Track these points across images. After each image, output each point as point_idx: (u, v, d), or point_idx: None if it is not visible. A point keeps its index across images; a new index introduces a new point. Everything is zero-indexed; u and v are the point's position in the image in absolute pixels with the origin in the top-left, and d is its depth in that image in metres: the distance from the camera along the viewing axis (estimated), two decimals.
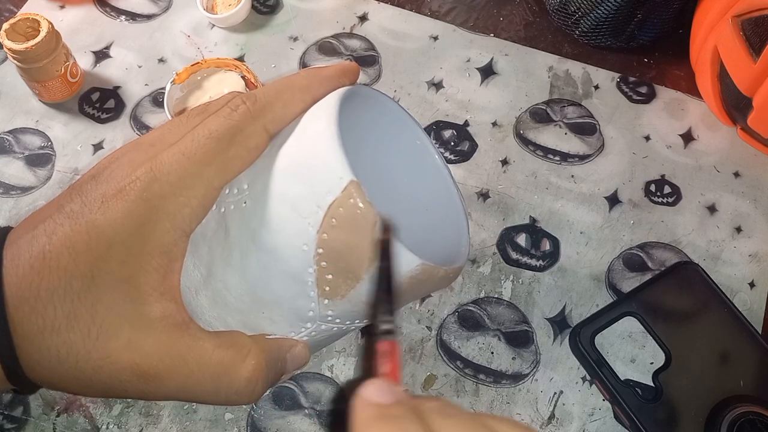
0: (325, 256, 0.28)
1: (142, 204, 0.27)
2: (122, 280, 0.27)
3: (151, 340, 0.27)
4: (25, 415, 0.41)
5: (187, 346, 0.28)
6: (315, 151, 0.29)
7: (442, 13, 0.59)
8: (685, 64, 0.57)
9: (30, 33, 0.49)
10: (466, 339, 0.45)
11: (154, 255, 0.28)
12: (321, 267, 0.28)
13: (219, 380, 0.28)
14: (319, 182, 0.28)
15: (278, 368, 0.31)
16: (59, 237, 0.27)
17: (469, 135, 0.53)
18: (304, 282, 0.29)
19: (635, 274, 0.48)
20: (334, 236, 0.28)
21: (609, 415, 0.43)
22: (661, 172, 0.52)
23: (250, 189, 0.30)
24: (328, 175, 0.28)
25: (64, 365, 0.27)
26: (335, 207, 0.28)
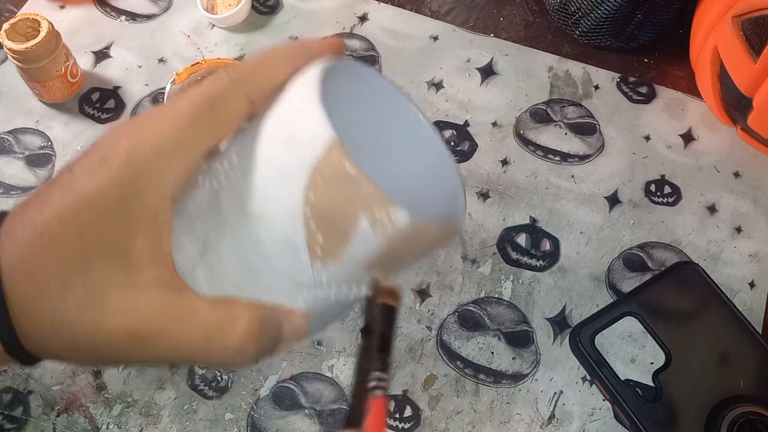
0: (313, 217, 0.29)
1: (126, 170, 0.28)
2: (112, 247, 0.28)
3: (143, 304, 0.28)
4: (25, 415, 0.41)
5: (179, 307, 0.28)
6: (298, 114, 0.29)
7: (442, 13, 0.59)
8: (685, 64, 0.57)
9: (30, 33, 0.49)
10: (467, 339, 0.45)
11: (141, 221, 0.28)
12: (310, 229, 0.29)
13: (211, 340, 0.29)
14: (302, 144, 0.29)
15: (273, 333, 0.31)
16: (49, 208, 0.27)
17: (469, 135, 0.53)
18: (295, 246, 0.29)
19: (635, 274, 0.48)
20: (320, 196, 0.28)
21: (609, 415, 0.43)
22: (661, 172, 0.52)
23: (239, 161, 0.31)
24: (311, 136, 0.28)
25: (60, 334, 0.27)
26: (319, 167, 0.28)
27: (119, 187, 0.28)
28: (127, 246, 0.28)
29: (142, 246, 0.28)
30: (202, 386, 0.43)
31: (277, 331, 0.31)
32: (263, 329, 0.30)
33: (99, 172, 0.28)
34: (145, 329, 0.28)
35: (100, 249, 0.28)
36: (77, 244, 0.27)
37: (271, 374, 0.43)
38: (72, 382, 0.42)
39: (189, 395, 0.42)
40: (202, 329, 0.29)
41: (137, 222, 0.28)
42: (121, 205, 0.28)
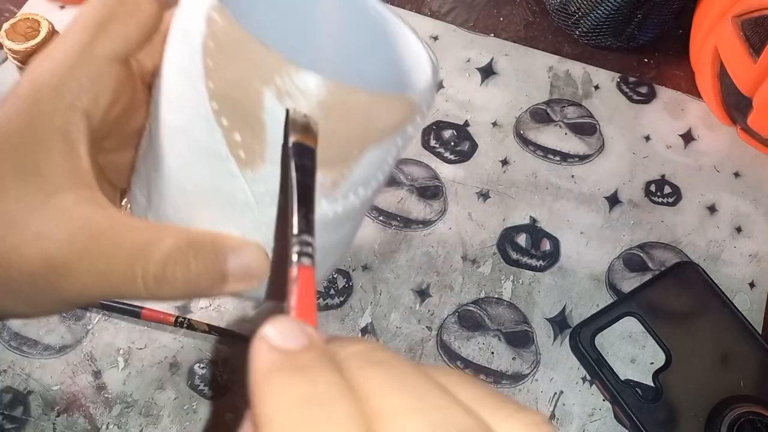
0: (220, 110, 0.25)
1: (28, 85, 0.27)
2: (28, 171, 0.26)
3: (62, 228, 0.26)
4: (25, 415, 0.41)
5: (101, 229, 0.26)
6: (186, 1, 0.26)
7: (442, 13, 0.59)
8: (685, 64, 0.57)
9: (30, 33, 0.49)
10: (467, 339, 0.45)
11: (53, 139, 0.27)
12: (224, 127, 0.26)
13: (134, 262, 0.26)
14: (190, 28, 0.25)
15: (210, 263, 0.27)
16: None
17: (469, 135, 0.53)
18: (218, 155, 0.26)
19: (635, 275, 0.48)
20: (216, 80, 0.25)
21: (609, 415, 0.43)
22: (661, 172, 0.52)
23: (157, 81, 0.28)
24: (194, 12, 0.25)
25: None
26: (207, 45, 0.25)
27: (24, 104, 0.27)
28: (42, 168, 0.26)
29: (58, 166, 0.26)
30: (202, 386, 0.43)
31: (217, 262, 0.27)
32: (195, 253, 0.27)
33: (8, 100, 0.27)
34: (62, 254, 0.26)
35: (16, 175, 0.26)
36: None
37: None
38: (72, 382, 0.42)
39: (189, 395, 0.42)
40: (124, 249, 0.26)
41: (49, 142, 0.26)
42: (29, 123, 0.26)
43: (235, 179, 0.27)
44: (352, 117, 0.26)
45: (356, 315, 0.45)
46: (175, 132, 0.28)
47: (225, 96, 0.25)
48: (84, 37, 0.28)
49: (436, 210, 0.50)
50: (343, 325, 0.45)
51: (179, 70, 0.27)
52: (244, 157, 0.26)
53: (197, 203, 0.28)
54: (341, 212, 0.29)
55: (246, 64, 0.25)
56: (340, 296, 0.46)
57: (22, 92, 0.27)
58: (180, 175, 0.28)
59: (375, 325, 0.45)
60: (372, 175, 0.29)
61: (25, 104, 0.27)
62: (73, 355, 0.43)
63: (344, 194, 0.28)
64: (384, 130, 0.27)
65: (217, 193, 0.28)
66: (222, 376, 0.43)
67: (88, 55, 0.28)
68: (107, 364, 0.43)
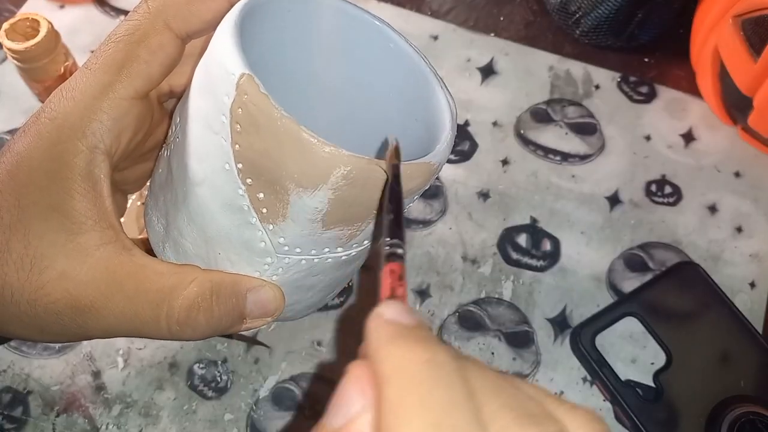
0: (246, 170, 0.26)
1: (50, 124, 0.27)
2: (50, 208, 0.26)
3: (87, 269, 0.26)
4: (25, 415, 0.41)
5: (126, 272, 0.26)
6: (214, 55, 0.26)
7: (442, 13, 0.59)
8: (685, 63, 0.56)
9: (30, 33, 0.49)
10: (467, 339, 0.45)
11: (75, 179, 0.26)
12: (248, 185, 0.26)
13: (159, 307, 0.26)
14: (218, 87, 0.26)
15: (232, 304, 0.28)
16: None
17: (470, 135, 0.53)
18: (240, 208, 0.27)
19: (636, 275, 0.48)
20: (243, 144, 0.25)
21: (610, 415, 0.43)
22: (661, 172, 0.52)
23: (180, 121, 0.28)
24: (223, 75, 0.25)
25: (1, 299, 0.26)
26: (235, 111, 0.25)
27: (45, 142, 0.26)
28: (65, 206, 0.26)
29: (83, 208, 0.26)
30: (202, 386, 0.42)
31: (237, 303, 0.28)
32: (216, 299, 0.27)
33: (29, 129, 0.27)
34: (87, 295, 0.26)
35: (39, 211, 0.26)
36: (15, 206, 0.26)
37: (270, 375, 0.43)
38: (71, 382, 0.42)
39: (188, 395, 0.42)
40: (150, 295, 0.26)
41: (71, 182, 0.26)
42: (51, 162, 0.26)
43: (255, 230, 0.27)
44: (374, 187, 0.26)
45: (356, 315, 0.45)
46: (198, 179, 0.28)
47: (251, 159, 0.26)
48: (106, 79, 0.27)
49: (436, 210, 0.50)
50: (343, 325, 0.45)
51: (204, 122, 0.27)
52: (266, 213, 0.27)
53: (216, 244, 0.28)
54: (354, 255, 0.30)
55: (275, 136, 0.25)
56: (340, 296, 0.46)
57: (43, 130, 0.27)
58: (200, 219, 0.28)
59: None
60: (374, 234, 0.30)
61: (47, 143, 0.27)
62: (73, 355, 0.43)
63: (359, 243, 0.30)
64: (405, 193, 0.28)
65: (236, 240, 0.28)
66: (222, 376, 0.43)
67: (111, 96, 0.27)
68: (107, 364, 0.43)
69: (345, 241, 0.29)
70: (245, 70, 0.25)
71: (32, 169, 0.26)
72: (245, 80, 0.25)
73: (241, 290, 0.28)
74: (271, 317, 0.30)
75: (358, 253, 0.30)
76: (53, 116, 0.27)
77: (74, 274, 0.26)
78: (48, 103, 0.27)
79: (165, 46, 0.28)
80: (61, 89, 0.28)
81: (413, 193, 0.29)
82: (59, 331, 0.27)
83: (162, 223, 0.30)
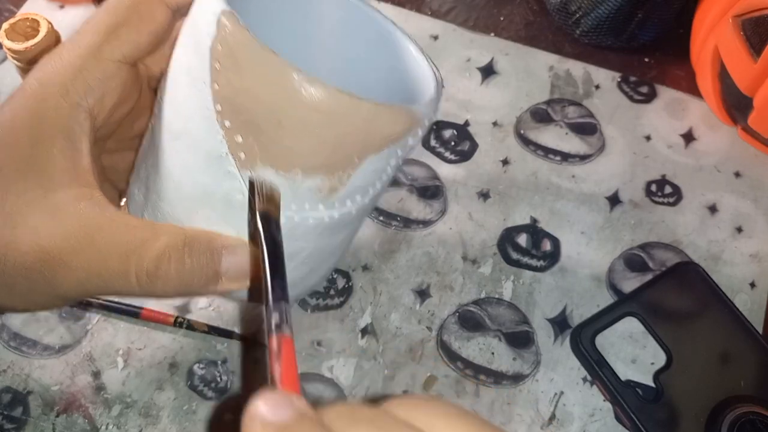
0: (225, 112, 0.26)
1: (35, 84, 0.27)
2: (30, 166, 0.26)
3: (59, 223, 0.26)
4: (25, 415, 0.41)
5: (98, 225, 0.26)
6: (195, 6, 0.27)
7: (442, 13, 0.59)
8: (685, 63, 0.56)
9: (30, 33, 0.49)
10: (467, 339, 0.45)
11: (55, 136, 0.27)
12: (227, 128, 0.26)
13: (128, 259, 0.26)
14: (200, 30, 0.26)
15: (205, 259, 0.27)
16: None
17: (470, 135, 0.53)
18: (219, 157, 0.27)
19: (636, 275, 0.48)
20: (222, 82, 0.25)
21: (610, 415, 0.43)
22: (661, 172, 0.52)
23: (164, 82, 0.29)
24: (204, 16, 0.26)
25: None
26: (215, 48, 0.25)
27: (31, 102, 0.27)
28: (43, 164, 0.26)
29: (59, 163, 0.27)
30: (202, 387, 0.42)
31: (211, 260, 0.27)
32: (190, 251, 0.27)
33: (15, 96, 0.27)
34: (57, 247, 0.26)
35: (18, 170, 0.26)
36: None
37: None
38: (71, 382, 0.42)
39: (188, 396, 0.42)
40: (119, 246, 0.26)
41: (52, 139, 0.27)
42: (34, 120, 0.27)
43: (233, 180, 0.27)
44: (354, 125, 0.26)
45: (356, 315, 0.45)
46: (177, 131, 0.28)
47: (230, 99, 0.26)
48: (95, 40, 0.28)
49: (437, 210, 0.50)
50: (343, 325, 0.45)
51: (185, 70, 0.27)
52: (244, 158, 0.26)
53: (194, 201, 0.28)
54: (337, 218, 0.29)
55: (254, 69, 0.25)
56: (340, 296, 0.46)
57: (30, 89, 0.27)
58: (179, 174, 0.28)
59: (375, 326, 0.45)
60: (370, 184, 0.29)
61: (31, 101, 0.27)
62: (73, 356, 0.43)
63: (342, 201, 0.29)
64: (385, 140, 0.28)
65: (214, 193, 0.28)
66: (222, 377, 0.43)
67: (98, 57, 0.28)
68: (107, 364, 0.43)
69: (326, 194, 0.28)
70: (225, 7, 0.25)
71: (15, 128, 0.27)
72: (226, 16, 0.25)
73: (216, 246, 0.28)
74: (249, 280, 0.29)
75: (342, 217, 0.29)
76: (39, 76, 0.27)
77: (46, 228, 0.26)
78: (36, 67, 0.28)
79: (155, 14, 0.29)
80: (50, 54, 0.28)
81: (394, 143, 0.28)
82: (28, 291, 0.27)
83: (142, 191, 0.30)
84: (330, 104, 0.25)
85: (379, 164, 0.29)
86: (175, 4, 0.29)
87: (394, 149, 0.29)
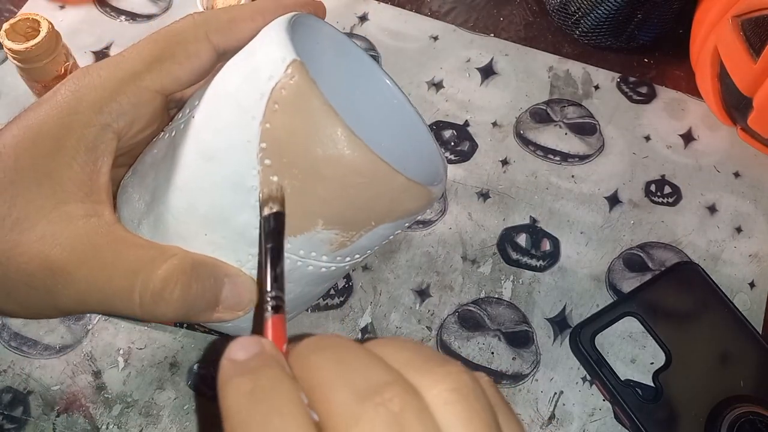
0: (268, 150, 0.27)
1: (70, 95, 0.27)
2: (47, 175, 0.26)
3: (66, 234, 0.26)
4: (25, 415, 0.41)
5: (106, 241, 0.26)
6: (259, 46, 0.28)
7: (442, 13, 0.59)
8: (685, 64, 0.57)
9: (30, 33, 0.49)
10: (467, 339, 0.45)
11: (78, 150, 0.27)
12: (265, 166, 0.27)
13: (134, 277, 0.26)
14: (261, 70, 0.27)
15: (209, 285, 0.28)
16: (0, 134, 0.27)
17: (469, 135, 0.53)
18: (246, 188, 0.27)
19: (635, 275, 0.48)
20: (276, 123, 0.26)
21: (609, 415, 0.43)
22: (661, 172, 0.52)
23: (199, 103, 0.29)
24: (270, 59, 0.27)
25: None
26: (277, 90, 0.26)
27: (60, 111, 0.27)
28: (61, 174, 0.27)
29: (78, 178, 0.27)
30: (202, 386, 0.43)
31: (213, 287, 0.28)
32: (195, 276, 0.27)
33: (47, 99, 0.28)
34: (61, 257, 0.26)
35: (33, 176, 0.26)
36: (11, 168, 0.26)
37: None
38: (72, 382, 0.42)
39: (189, 395, 0.42)
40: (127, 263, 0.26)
41: (74, 151, 0.27)
42: (61, 131, 0.27)
43: (254, 215, 0.28)
44: (384, 194, 0.28)
45: (356, 315, 0.45)
46: (210, 154, 0.28)
47: (278, 140, 0.27)
48: (137, 67, 0.28)
49: (436, 210, 0.50)
50: (343, 325, 0.45)
51: (234, 99, 0.28)
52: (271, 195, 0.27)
53: (205, 224, 0.29)
54: (332, 270, 0.31)
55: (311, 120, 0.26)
56: (340, 296, 0.46)
57: (63, 99, 0.28)
58: (198, 193, 0.29)
59: (375, 326, 0.45)
60: (370, 247, 0.31)
61: (63, 112, 0.27)
62: (73, 355, 0.43)
63: (343, 256, 0.30)
64: (403, 213, 0.29)
65: (229, 221, 0.28)
66: None
67: (137, 84, 0.28)
68: (107, 364, 0.43)
69: (335, 248, 0.29)
70: (296, 56, 0.27)
71: (40, 134, 0.27)
72: (296, 65, 0.26)
73: (219, 273, 0.28)
74: (243, 311, 0.29)
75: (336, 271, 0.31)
76: (75, 89, 0.28)
77: (53, 237, 0.26)
78: (70, 78, 0.28)
79: (201, 54, 0.29)
80: (86, 68, 0.29)
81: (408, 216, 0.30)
82: (26, 298, 0.27)
83: (145, 199, 0.30)
84: (372, 170, 0.27)
85: (387, 231, 0.31)
86: (223, 48, 0.30)
87: (404, 221, 0.31)
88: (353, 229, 0.29)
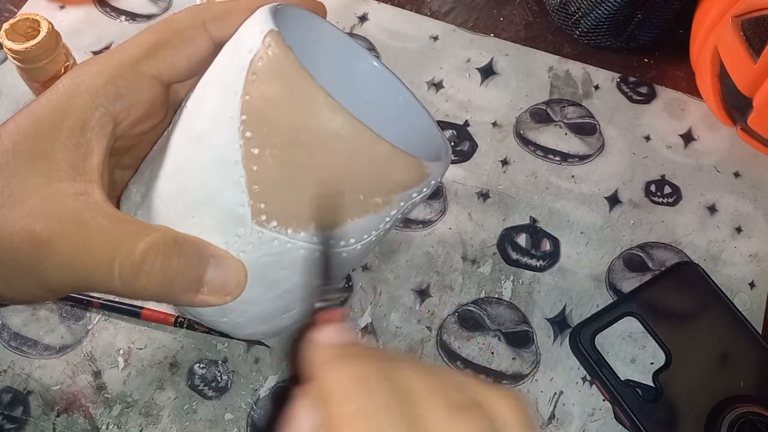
0: (248, 122, 0.27)
1: (69, 81, 0.29)
2: (42, 155, 0.27)
3: (54, 210, 0.27)
4: (25, 415, 0.41)
5: (91, 215, 0.27)
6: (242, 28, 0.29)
7: (442, 13, 0.59)
8: (685, 64, 0.57)
9: (30, 33, 0.49)
10: (467, 339, 0.45)
11: (74, 130, 0.28)
12: (246, 138, 0.27)
13: (115, 249, 0.26)
14: (242, 46, 0.27)
15: (191, 264, 0.27)
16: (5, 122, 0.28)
17: (469, 135, 0.53)
18: (231, 164, 0.27)
19: (635, 275, 0.48)
20: (254, 94, 0.26)
21: (609, 415, 0.43)
22: (661, 173, 0.52)
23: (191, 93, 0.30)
24: (250, 34, 0.27)
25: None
26: (255, 61, 0.26)
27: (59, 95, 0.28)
28: (54, 156, 0.27)
29: (71, 158, 0.28)
30: (202, 386, 0.43)
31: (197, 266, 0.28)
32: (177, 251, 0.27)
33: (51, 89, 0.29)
34: (46, 229, 0.26)
35: (29, 157, 0.27)
36: (9, 150, 0.27)
37: (270, 374, 0.43)
38: (72, 382, 0.42)
39: (189, 395, 0.42)
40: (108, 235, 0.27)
41: (69, 131, 0.28)
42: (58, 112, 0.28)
43: (239, 191, 0.27)
44: (368, 160, 0.27)
45: (356, 315, 0.45)
46: (196, 135, 0.28)
47: (257, 109, 0.26)
48: (134, 53, 0.29)
49: (436, 210, 0.50)
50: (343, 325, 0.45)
51: (219, 80, 0.28)
52: (256, 170, 0.27)
53: (193, 206, 0.29)
54: None
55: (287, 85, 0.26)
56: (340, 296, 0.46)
57: (62, 87, 0.29)
58: (186, 175, 0.29)
59: (375, 325, 0.45)
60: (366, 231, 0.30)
61: (62, 98, 0.28)
62: (73, 355, 0.43)
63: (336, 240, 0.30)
64: (393, 185, 0.28)
65: (216, 200, 0.28)
66: (222, 376, 0.43)
67: (134, 68, 0.29)
68: (107, 364, 0.43)
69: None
70: (273, 27, 0.27)
71: (39, 119, 0.28)
72: (273, 34, 0.26)
73: (204, 253, 0.28)
74: (230, 296, 0.29)
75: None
76: (74, 76, 0.29)
77: (40, 213, 0.27)
78: (74, 69, 0.29)
79: (196, 40, 0.30)
80: (88, 60, 0.30)
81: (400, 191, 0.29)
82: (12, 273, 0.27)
83: (141, 191, 0.31)
84: (351, 133, 0.26)
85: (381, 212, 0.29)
86: (219, 38, 0.30)
87: (398, 200, 0.29)
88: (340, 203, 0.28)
